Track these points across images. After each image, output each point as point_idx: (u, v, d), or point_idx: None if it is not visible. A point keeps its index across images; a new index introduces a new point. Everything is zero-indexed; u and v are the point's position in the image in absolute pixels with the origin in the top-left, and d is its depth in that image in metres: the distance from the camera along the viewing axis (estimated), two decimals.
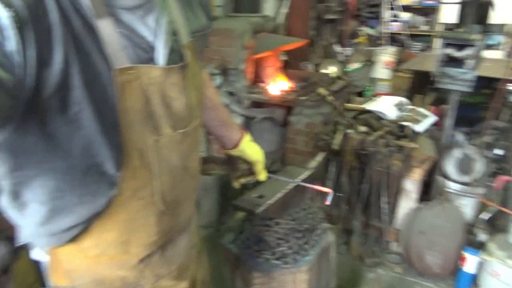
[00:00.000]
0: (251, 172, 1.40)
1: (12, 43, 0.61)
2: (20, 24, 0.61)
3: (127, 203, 0.84)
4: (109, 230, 0.86)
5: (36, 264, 0.98)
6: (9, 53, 0.61)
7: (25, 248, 0.96)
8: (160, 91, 0.81)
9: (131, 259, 0.91)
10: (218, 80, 3.27)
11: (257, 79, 3.87)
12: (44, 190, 0.79)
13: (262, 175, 1.39)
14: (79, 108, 0.72)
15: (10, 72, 0.61)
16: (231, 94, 3.43)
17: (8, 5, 0.60)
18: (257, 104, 3.57)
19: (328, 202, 1.31)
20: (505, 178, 2.81)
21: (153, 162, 0.84)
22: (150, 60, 0.81)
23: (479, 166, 2.94)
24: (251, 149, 1.36)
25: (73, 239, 0.85)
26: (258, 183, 1.50)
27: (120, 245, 0.87)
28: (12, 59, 0.62)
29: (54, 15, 0.66)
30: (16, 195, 0.80)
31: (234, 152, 1.36)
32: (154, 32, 0.81)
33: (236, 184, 1.41)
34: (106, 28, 0.72)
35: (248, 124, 3.63)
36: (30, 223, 0.84)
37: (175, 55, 0.85)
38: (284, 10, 4.72)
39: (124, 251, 0.89)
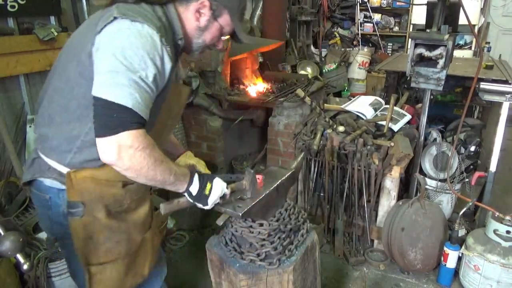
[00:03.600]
0: None
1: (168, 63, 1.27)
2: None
3: None
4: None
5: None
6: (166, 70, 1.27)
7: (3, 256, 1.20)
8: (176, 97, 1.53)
9: (120, 184, 1.38)
10: (196, 82, 3.22)
11: (235, 81, 3.85)
12: None
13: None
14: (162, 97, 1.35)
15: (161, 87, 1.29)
16: (209, 96, 3.40)
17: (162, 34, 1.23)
18: (236, 106, 3.55)
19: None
20: (479, 174, 2.88)
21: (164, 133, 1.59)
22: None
23: (454, 163, 3.01)
24: (190, 159, 1.79)
25: (94, 167, 1.32)
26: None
27: (119, 175, 1.25)
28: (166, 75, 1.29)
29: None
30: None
31: (178, 161, 1.78)
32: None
33: None
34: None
35: (227, 126, 3.60)
36: (84, 149, 1.30)
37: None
38: (259, 12, 4.73)
39: (119, 178, 1.32)
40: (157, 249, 1.69)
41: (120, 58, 1.13)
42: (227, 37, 1.50)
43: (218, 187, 1.41)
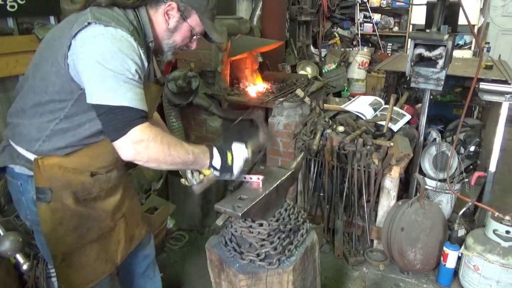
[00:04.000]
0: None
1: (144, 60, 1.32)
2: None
3: (106, 142, 1.36)
4: (85, 155, 1.42)
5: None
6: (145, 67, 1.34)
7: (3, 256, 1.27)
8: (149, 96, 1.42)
9: (88, 173, 1.45)
10: (196, 82, 3.22)
11: (235, 81, 3.85)
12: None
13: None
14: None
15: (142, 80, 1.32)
16: (209, 96, 3.40)
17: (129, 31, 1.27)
18: (236, 106, 3.54)
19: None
20: (479, 174, 2.88)
21: None
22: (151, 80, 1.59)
23: (454, 163, 3.01)
24: None
25: (61, 155, 1.38)
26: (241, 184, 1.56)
27: (86, 165, 1.42)
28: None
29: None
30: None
31: None
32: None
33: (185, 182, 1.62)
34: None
35: (227, 126, 3.60)
36: (53, 137, 1.37)
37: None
38: (258, 12, 4.73)
39: (87, 168, 1.45)
40: (136, 239, 1.79)
41: (103, 64, 1.20)
42: (198, 37, 1.53)
43: (239, 155, 1.45)
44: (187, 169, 1.41)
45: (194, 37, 1.52)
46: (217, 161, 1.41)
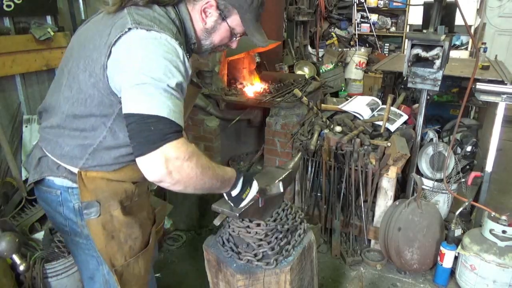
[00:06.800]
0: None
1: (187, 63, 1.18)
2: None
3: None
4: (131, 170, 1.34)
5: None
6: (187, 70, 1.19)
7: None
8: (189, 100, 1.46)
9: (131, 182, 1.40)
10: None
11: (233, 81, 3.85)
12: None
13: None
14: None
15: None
16: (207, 96, 3.39)
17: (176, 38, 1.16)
18: (233, 106, 3.54)
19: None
20: (476, 174, 2.89)
21: None
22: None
23: (451, 163, 3.02)
24: None
25: (108, 170, 1.32)
26: None
27: (130, 177, 1.37)
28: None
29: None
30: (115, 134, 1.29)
31: None
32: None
33: None
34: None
35: (224, 126, 3.60)
36: (97, 155, 1.29)
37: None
38: None
39: (130, 179, 1.39)
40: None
41: (144, 71, 1.07)
42: (240, 37, 1.41)
43: (253, 193, 1.38)
44: (209, 193, 1.27)
45: (234, 37, 1.40)
46: (236, 191, 1.34)
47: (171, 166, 1.07)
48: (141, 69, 1.07)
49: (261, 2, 1.34)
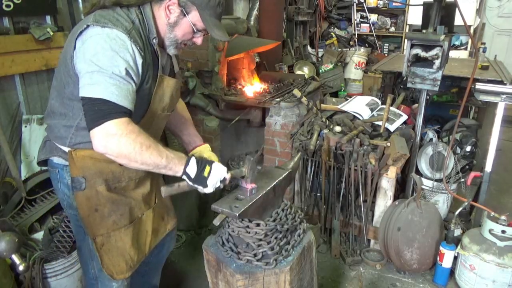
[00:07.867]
0: None
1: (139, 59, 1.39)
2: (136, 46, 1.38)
3: None
4: None
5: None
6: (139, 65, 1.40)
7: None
8: (165, 90, 1.60)
9: (117, 163, 1.42)
10: (193, 82, 3.22)
11: (232, 81, 3.84)
12: None
13: None
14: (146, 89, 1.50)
15: (137, 80, 1.39)
16: (206, 96, 3.39)
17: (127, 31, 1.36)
18: (233, 106, 3.54)
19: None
20: (475, 174, 2.89)
21: (155, 122, 1.66)
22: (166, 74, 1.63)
23: (450, 163, 3.02)
24: (205, 153, 1.86)
25: (91, 148, 1.36)
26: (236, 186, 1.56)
27: None
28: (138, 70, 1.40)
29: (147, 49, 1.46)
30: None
31: (194, 152, 1.88)
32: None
33: None
34: (161, 60, 1.54)
35: (224, 126, 3.60)
36: (78, 134, 1.49)
37: (171, 73, 1.70)
38: (255, 12, 4.73)
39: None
40: (161, 233, 1.87)
41: (93, 60, 1.29)
42: (203, 33, 1.56)
43: (218, 170, 1.45)
44: (160, 172, 1.41)
45: (198, 33, 1.56)
46: (192, 169, 1.41)
47: (109, 140, 1.29)
48: (91, 59, 1.29)
49: (218, 2, 1.52)
